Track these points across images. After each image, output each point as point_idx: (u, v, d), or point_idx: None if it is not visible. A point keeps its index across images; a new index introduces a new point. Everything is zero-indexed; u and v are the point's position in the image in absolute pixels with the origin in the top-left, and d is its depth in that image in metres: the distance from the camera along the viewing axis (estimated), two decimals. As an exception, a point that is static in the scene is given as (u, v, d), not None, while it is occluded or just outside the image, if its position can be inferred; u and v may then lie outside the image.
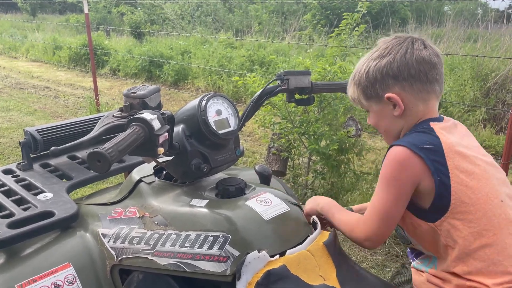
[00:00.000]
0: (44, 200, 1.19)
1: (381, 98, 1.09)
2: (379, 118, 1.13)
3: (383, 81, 1.08)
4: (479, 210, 0.99)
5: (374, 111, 1.13)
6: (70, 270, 1.06)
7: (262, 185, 1.18)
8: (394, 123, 1.11)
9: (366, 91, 1.11)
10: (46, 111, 5.98)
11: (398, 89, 1.07)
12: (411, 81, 1.06)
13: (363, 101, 1.14)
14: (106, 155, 0.78)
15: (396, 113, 1.09)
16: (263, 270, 0.92)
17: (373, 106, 1.12)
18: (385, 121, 1.12)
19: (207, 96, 1.12)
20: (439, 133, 1.04)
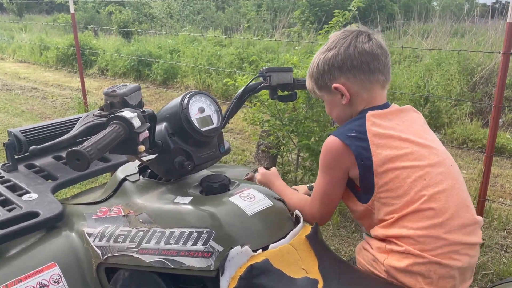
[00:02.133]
0: (29, 200, 1.19)
1: (330, 88, 1.18)
2: (331, 107, 1.23)
3: (330, 72, 1.17)
4: (400, 188, 1.06)
5: (327, 101, 1.23)
6: (55, 269, 1.07)
7: (246, 181, 1.19)
8: (344, 111, 1.20)
9: (317, 82, 1.21)
10: (33, 112, 5.93)
11: (343, 79, 1.16)
12: (354, 71, 1.14)
13: (317, 92, 1.23)
14: (85, 153, 0.78)
15: (344, 102, 1.17)
16: (246, 265, 0.93)
17: (325, 96, 1.22)
18: (336, 109, 1.22)
19: (189, 94, 1.13)
20: (369, 120, 1.12)
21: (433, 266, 1.02)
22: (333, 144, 1.12)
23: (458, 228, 1.05)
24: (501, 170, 3.96)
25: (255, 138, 3.50)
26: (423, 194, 1.04)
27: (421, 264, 1.02)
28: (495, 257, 2.55)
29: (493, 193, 3.43)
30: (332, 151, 1.13)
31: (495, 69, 5.41)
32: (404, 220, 1.05)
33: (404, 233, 1.04)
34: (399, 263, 1.03)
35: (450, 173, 1.10)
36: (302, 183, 3.22)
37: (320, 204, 1.17)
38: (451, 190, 1.07)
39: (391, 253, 1.06)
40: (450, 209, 1.05)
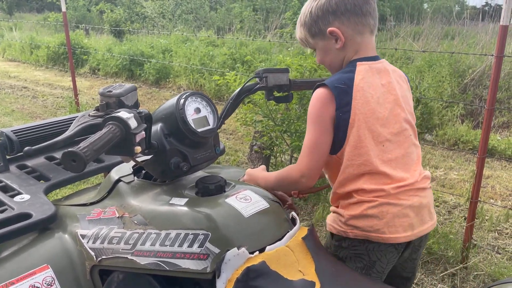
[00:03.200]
0: (21, 201, 1.18)
1: (324, 34, 1.21)
2: (324, 54, 1.25)
3: (324, 18, 1.20)
4: (364, 147, 1.17)
5: (320, 48, 1.25)
6: (48, 272, 1.05)
7: (242, 183, 1.19)
8: (337, 56, 1.24)
9: (311, 29, 1.23)
10: (24, 111, 5.87)
11: (337, 23, 1.20)
12: (348, 14, 1.19)
13: (309, 40, 1.25)
14: (81, 154, 0.77)
15: (338, 46, 1.21)
16: (242, 267, 0.93)
17: (319, 43, 1.24)
18: (330, 55, 1.25)
19: (185, 95, 1.12)
20: (358, 74, 1.19)
21: (385, 207, 1.16)
22: (324, 93, 1.17)
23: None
24: (491, 171, 4.00)
25: (248, 139, 3.49)
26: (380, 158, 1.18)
27: (374, 207, 1.16)
28: (487, 258, 2.57)
29: (484, 194, 3.46)
30: (321, 100, 1.17)
31: (485, 71, 5.47)
32: (361, 178, 1.18)
33: (359, 187, 1.18)
34: (355, 211, 1.18)
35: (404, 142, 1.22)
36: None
37: (307, 156, 1.18)
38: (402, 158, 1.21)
39: (349, 205, 1.20)
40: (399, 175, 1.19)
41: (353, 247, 1.21)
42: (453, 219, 3.01)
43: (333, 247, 1.26)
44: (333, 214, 1.26)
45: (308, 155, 1.18)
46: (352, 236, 1.20)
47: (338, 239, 1.25)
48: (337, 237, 1.25)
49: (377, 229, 1.17)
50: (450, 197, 3.33)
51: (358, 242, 1.20)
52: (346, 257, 1.23)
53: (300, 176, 1.19)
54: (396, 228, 1.18)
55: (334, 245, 1.26)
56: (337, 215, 1.24)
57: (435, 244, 2.55)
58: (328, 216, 1.30)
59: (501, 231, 2.91)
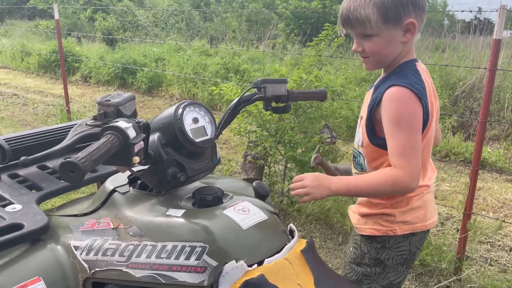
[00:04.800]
0: (12, 212, 1.15)
1: (400, 23, 1.15)
2: (387, 44, 1.17)
3: (407, 6, 1.13)
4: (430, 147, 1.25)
5: (384, 37, 1.17)
6: (40, 284, 1.02)
7: (239, 194, 1.17)
8: (396, 49, 1.19)
9: (388, 13, 1.13)
10: (14, 119, 5.80)
11: (414, 15, 1.15)
12: (421, 11, 1.16)
13: (378, 24, 1.14)
14: (80, 165, 0.75)
15: (405, 39, 1.17)
16: (241, 280, 0.91)
17: (385, 32, 1.16)
18: (391, 47, 1.18)
19: (184, 104, 1.10)
20: (423, 77, 1.19)
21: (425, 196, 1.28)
22: (407, 94, 1.13)
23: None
24: (483, 183, 4.03)
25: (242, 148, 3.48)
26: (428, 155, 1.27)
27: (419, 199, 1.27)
28: (480, 270, 2.57)
29: (476, 206, 3.48)
30: (408, 100, 1.13)
31: (476, 84, 5.54)
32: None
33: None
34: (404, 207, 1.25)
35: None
36: (289, 194, 3.21)
37: (411, 159, 1.12)
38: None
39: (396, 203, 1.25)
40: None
41: (397, 243, 1.26)
42: (446, 230, 3.01)
43: (374, 250, 1.28)
44: (375, 217, 1.28)
45: (411, 159, 1.12)
46: (400, 232, 1.24)
47: (381, 241, 1.27)
48: (380, 238, 1.27)
49: (421, 219, 1.26)
50: (443, 208, 3.34)
51: (402, 237, 1.26)
52: (388, 258, 1.28)
53: (411, 180, 1.12)
54: (431, 213, 1.29)
55: (376, 248, 1.28)
56: (382, 216, 1.26)
57: (428, 256, 2.55)
58: (362, 221, 1.31)
59: (493, 243, 2.92)
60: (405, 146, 1.12)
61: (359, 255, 1.33)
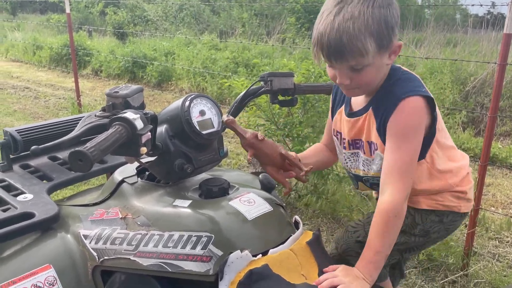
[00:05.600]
0: (24, 201, 1.18)
1: (389, 48, 1.08)
2: (377, 71, 1.10)
3: (394, 29, 1.06)
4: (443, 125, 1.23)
5: (375, 65, 1.08)
6: (50, 271, 1.05)
7: (245, 186, 1.19)
8: (382, 73, 1.13)
9: (382, 41, 1.04)
10: (26, 111, 5.88)
11: (397, 38, 1.10)
12: (397, 28, 1.09)
13: (373, 54, 1.05)
14: (88, 154, 0.77)
15: (390, 62, 1.11)
16: (245, 270, 0.93)
17: (377, 59, 1.07)
18: (380, 73, 1.12)
19: (191, 97, 1.12)
20: (421, 81, 1.15)
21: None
22: (421, 104, 1.08)
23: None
24: (492, 179, 4.00)
25: (250, 142, 3.48)
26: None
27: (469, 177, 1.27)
28: (487, 265, 2.56)
29: (484, 202, 3.46)
30: (419, 111, 1.08)
31: (487, 79, 5.48)
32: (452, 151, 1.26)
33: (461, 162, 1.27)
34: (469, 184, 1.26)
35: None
36: (296, 188, 3.22)
37: (404, 178, 1.06)
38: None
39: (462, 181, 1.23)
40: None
41: (454, 221, 1.24)
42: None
43: (430, 223, 1.23)
44: (446, 193, 1.21)
45: (404, 177, 1.06)
46: (464, 210, 1.22)
47: (440, 215, 1.22)
48: (441, 212, 1.22)
49: (472, 197, 1.26)
50: (451, 204, 3.32)
51: (460, 215, 1.24)
52: (436, 231, 1.24)
53: (403, 202, 1.06)
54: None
55: (432, 221, 1.23)
56: (454, 193, 1.21)
57: (435, 251, 2.54)
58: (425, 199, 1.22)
59: (502, 239, 2.90)
60: (400, 163, 1.06)
61: (409, 224, 1.22)
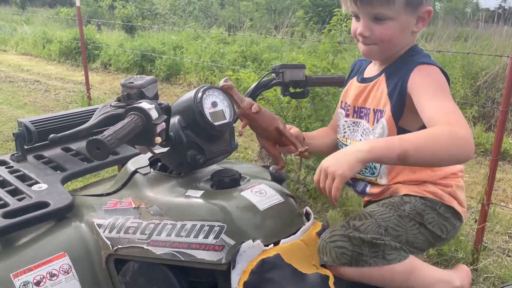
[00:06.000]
0: (38, 190, 1.19)
1: (418, 10, 1.06)
2: (399, 31, 1.07)
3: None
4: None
5: (399, 22, 1.06)
6: (65, 259, 1.07)
7: (256, 177, 1.19)
8: (405, 39, 1.10)
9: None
10: (36, 104, 5.93)
11: (430, 5, 1.07)
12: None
13: (399, 7, 1.03)
14: (106, 142, 0.78)
15: (417, 29, 1.09)
16: (257, 259, 0.94)
17: (403, 16, 1.05)
18: (402, 35, 1.08)
19: (203, 88, 1.13)
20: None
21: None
22: (439, 72, 1.06)
23: None
24: (503, 174, 3.97)
25: (258, 136, 3.49)
26: None
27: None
28: (497, 260, 2.56)
29: (495, 197, 3.44)
30: (440, 75, 1.06)
31: (499, 74, 5.42)
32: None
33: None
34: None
35: None
36: (305, 182, 3.22)
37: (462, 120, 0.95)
38: None
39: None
40: None
41: (446, 214, 1.13)
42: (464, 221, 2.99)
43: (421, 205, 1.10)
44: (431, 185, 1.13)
45: (463, 119, 0.95)
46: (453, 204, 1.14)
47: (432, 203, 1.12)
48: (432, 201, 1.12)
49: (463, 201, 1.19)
50: (461, 199, 3.31)
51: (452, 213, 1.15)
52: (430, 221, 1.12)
53: (471, 137, 0.92)
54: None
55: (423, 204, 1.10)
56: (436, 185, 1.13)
57: (445, 245, 2.54)
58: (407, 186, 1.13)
59: (512, 234, 2.89)
60: (451, 107, 0.98)
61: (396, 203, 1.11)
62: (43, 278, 1.03)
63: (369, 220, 1.05)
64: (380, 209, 1.08)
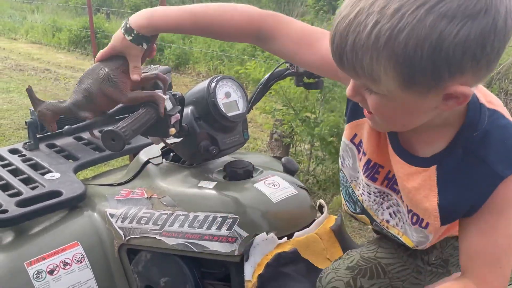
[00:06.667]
0: (51, 179, 1.20)
1: (435, 91, 0.61)
2: (403, 111, 0.67)
3: (460, 65, 0.58)
4: None
5: (399, 103, 0.65)
6: (78, 248, 1.07)
7: (269, 168, 1.18)
8: (426, 117, 0.68)
9: (414, 76, 0.59)
10: (46, 93, 5.96)
11: (471, 74, 0.60)
12: (489, 60, 0.59)
13: (392, 88, 0.62)
14: (121, 133, 0.78)
15: (445, 108, 0.64)
16: (272, 252, 0.93)
17: (403, 99, 0.64)
18: (415, 116, 0.68)
19: (216, 78, 1.12)
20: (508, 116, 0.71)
21: None
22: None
23: None
24: (515, 167, 3.92)
25: (268, 126, 3.48)
26: None
27: None
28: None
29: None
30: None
31: (512, 65, 5.33)
32: None
33: None
34: None
35: None
36: (314, 173, 3.21)
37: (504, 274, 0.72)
38: None
39: None
40: None
41: None
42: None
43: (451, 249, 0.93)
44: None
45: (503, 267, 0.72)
46: None
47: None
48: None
49: None
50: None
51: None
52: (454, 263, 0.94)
53: None
54: None
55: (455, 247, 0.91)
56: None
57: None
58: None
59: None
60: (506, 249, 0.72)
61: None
62: (56, 267, 1.04)
63: (381, 280, 0.89)
64: (397, 261, 0.90)
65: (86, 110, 0.92)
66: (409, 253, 0.90)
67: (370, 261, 0.91)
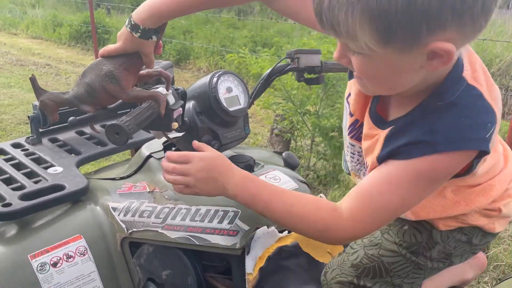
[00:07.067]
0: (54, 173, 1.21)
1: (416, 47, 0.61)
2: (388, 71, 0.67)
3: (438, 18, 0.57)
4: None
5: (383, 62, 0.66)
6: (81, 242, 1.08)
7: (269, 163, 1.19)
8: (412, 79, 0.68)
9: (391, 31, 0.59)
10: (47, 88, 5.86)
11: (454, 30, 0.59)
12: (473, 14, 0.58)
13: (370, 44, 0.63)
14: (124, 127, 0.79)
15: (431, 68, 0.65)
16: (274, 246, 0.94)
17: (385, 56, 0.64)
18: (400, 76, 0.68)
19: (218, 73, 1.12)
20: (490, 101, 0.70)
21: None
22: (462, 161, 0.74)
23: None
24: (515, 163, 3.93)
25: (268, 121, 3.49)
26: None
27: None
28: (508, 249, 2.55)
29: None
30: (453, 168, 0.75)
31: (514, 61, 5.33)
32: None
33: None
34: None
35: None
36: (315, 168, 3.22)
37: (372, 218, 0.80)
38: None
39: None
40: None
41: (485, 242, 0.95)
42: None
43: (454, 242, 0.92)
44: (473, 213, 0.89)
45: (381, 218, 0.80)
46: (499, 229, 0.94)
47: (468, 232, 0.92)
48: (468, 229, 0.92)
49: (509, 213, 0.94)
50: (472, 187, 3.28)
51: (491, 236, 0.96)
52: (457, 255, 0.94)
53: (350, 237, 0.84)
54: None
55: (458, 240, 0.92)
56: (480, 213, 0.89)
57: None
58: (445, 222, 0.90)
59: (523, 223, 2.88)
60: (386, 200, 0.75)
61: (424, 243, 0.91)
62: (59, 259, 1.05)
63: (383, 279, 0.91)
64: (399, 260, 0.91)
65: (88, 104, 0.93)
66: (411, 251, 0.91)
67: (374, 259, 0.92)
